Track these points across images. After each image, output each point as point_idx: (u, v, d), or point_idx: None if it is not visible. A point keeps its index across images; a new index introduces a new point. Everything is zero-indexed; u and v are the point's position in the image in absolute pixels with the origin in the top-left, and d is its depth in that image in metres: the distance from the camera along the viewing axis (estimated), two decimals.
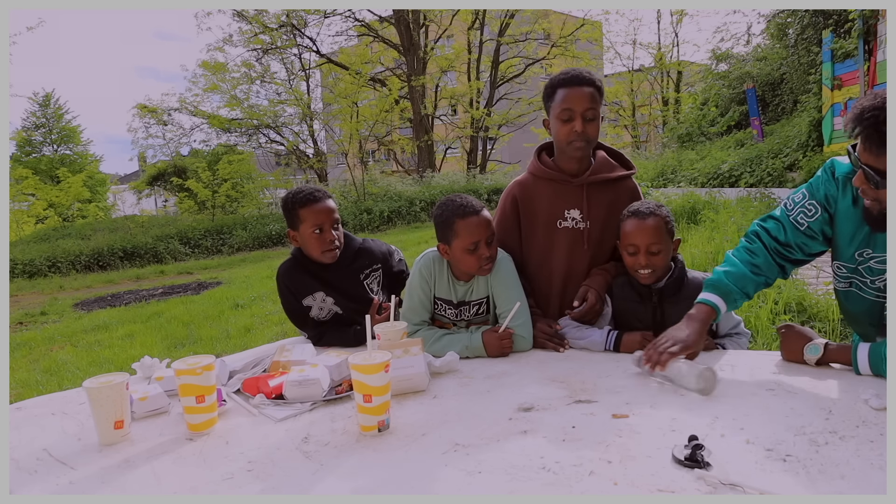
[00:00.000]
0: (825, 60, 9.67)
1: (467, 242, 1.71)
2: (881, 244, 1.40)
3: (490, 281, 1.82)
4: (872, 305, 1.47)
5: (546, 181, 1.87)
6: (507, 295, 1.79)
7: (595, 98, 1.75)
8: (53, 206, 17.22)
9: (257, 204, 18.21)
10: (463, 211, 1.72)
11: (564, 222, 1.86)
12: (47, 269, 11.55)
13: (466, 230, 1.70)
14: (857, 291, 1.50)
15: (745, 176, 10.85)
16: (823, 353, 1.43)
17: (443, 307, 1.86)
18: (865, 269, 1.45)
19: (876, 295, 1.45)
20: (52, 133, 27.94)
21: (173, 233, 13.83)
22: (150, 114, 20.06)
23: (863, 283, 1.47)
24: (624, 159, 1.94)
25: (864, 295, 1.48)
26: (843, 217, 1.45)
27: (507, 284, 1.81)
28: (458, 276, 1.84)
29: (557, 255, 1.88)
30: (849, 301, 1.53)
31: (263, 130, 21.17)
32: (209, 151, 21.02)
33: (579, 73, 1.78)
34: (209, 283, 9.26)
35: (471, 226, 1.71)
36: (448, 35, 22.40)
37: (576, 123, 1.74)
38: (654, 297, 1.77)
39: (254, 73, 20.73)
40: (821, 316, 3.62)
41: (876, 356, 1.34)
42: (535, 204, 1.89)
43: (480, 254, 1.72)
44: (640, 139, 24.59)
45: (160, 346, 5.37)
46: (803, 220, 1.50)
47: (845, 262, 1.49)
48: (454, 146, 24.23)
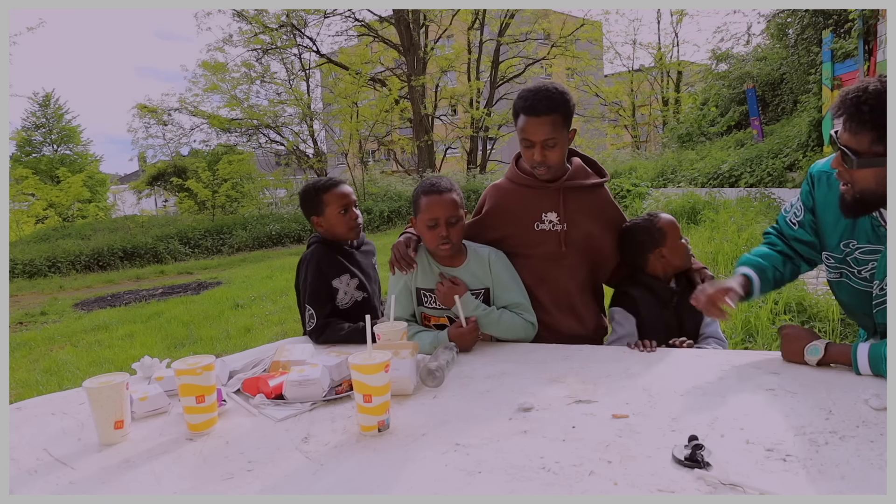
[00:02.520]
0: (825, 60, 9.66)
1: (427, 218, 1.78)
2: (863, 235, 1.43)
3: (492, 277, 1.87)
4: (862, 295, 1.49)
5: (523, 186, 1.91)
6: (506, 287, 1.87)
7: (557, 125, 1.75)
8: (53, 206, 17.22)
9: (257, 204, 18.22)
10: (430, 189, 1.82)
11: (542, 224, 1.89)
12: (47, 269, 11.55)
13: (428, 207, 1.79)
14: (847, 282, 1.53)
15: (745, 176, 10.84)
16: (824, 354, 1.43)
17: (430, 299, 1.89)
18: (852, 259, 1.48)
19: (864, 285, 1.48)
20: (52, 133, 27.94)
21: (173, 233, 13.84)
22: (150, 114, 20.05)
23: (851, 273, 1.50)
24: (598, 167, 1.99)
25: (854, 285, 1.51)
26: (823, 208, 1.51)
27: (504, 278, 1.88)
28: (437, 259, 1.89)
29: (535, 256, 1.91)
30: (841, 291, 1.57)
31: (263, 130, 21.16)
32: (209, 151, 21.01)
33: (541, 98, 1.74)
34: (209, 283, 9.26)
35: (432, 203, 1.79)
36: (448, 35, 22.40)
37: (535, 152, 1.79)
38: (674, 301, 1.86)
39: (254, 73, 20.72)
40: (821, 316, 3.63)
41: (876, 356, 1.34)
42: (513, 206, 1.92)
43: (439, 232, 1.78)
44: (640, 139, 24.58)
45: (160, 346, 5.37)
46: (794, 221, 1.62)
47: (832, 251, 1.53)
48: (454, 146, 24.22)
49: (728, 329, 3.66)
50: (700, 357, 1.62)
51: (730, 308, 1.50)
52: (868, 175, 1.29)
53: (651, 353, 1.64)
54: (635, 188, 10.82)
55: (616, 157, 18.69)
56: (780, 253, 1.66)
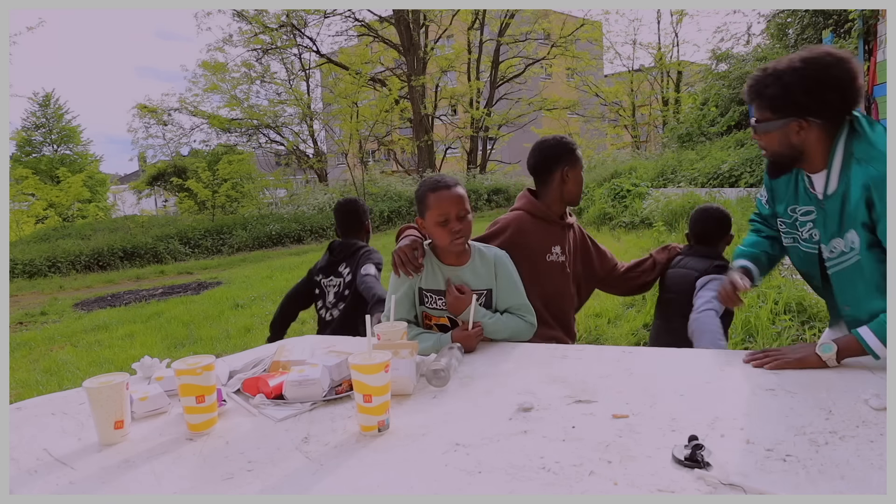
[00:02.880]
0: None
1: (437, 215, 1.79)
2: (802, 199, 1.60)
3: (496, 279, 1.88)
4: (810, 257, 1.62)
5: (538, 219, 2.15)
6: (509, 292, 1.89)
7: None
8: (53, 206, 17.22)
9: (257, 204, 18.21)
10: (436, 185, 1.83)
11: (551, 256, 2.15)
12: (47, 269, 11.56)
13: (437, 203, 1.79)
14: (796, 245, 1.66)
15: (745, 176, 10.83)
16: (837, 348, 1.43)
17: (432, 299, 1.87)
18: (798, 223, 1.63)
19: (809, 247, 1.62)
20: (52, 133, 27.95)
21: (173, 233, 13.84)
22: (150, 114, 20.08)
23: (798, 236, 1.64)
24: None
25: (802, 248, 1.64)
26: (775, 181, 1.69)
27: (508, 282, 1.89)
28: (441, 258, 1.88)
29: (546, 282, 2.13)
30: (793, 255, 1.71)
31: (263, 130, 21.19)
32: (209, 151, 21.02)
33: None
34: (209, 283, 9.26)
35: (442, 199, 1.79)
36: (448, 35, 22.40)
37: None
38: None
39: (254, 73, 20.76)
40: (821, 316, 3.62)
41: (880, 331, 1.38)
42: (530, 238, 2.14)
43: (451, 227, 1.79)
44: (640, 139, 24.55)
45: (160, 346, 5.37)
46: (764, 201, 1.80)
47: (783, 217, 1.69)
48: (454, 146, 24.23)
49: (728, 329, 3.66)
50: (700, 357, 1.63)
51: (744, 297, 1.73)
52: (773, 138, 1.52)
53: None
54: (635, 188, 10.82)
55: (616, 157, 18.67)
56: (766, 238, 1.83)
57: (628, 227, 9.76)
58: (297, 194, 19.46)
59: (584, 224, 10.61)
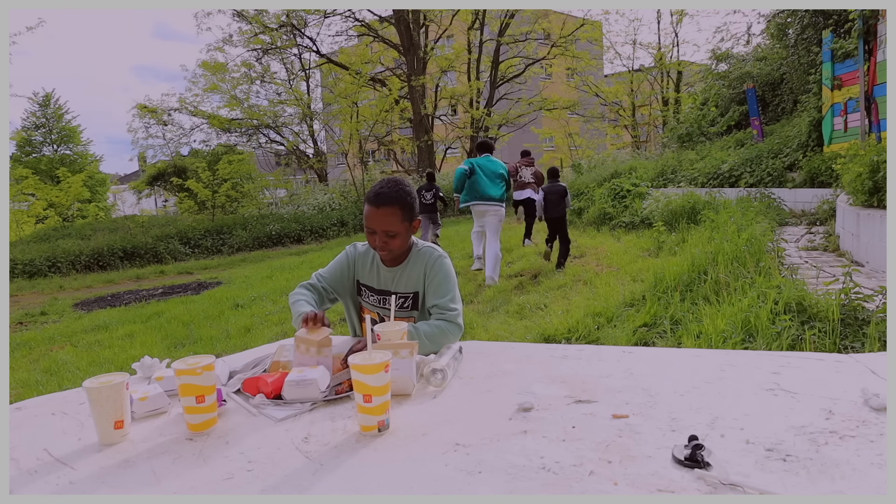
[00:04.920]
0: (825, 60, 9.66)
1: (366, 224, 1.83)
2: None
3: (426, 280, 1.88)
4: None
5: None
6: (432, 290, 1.87)
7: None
8: (53, 206, 17.23)
9: (257, 204, 18.23)
10: (370, 197, 1.82)
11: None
12: (47, 269, 11.56)
13: (367, 214, 1.82)
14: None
15: (745, 176, 10.84)
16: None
17: (366, 293, 1.95)
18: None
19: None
20: (52, 133, 27.96)
21: (173, 233, 13.85)
22: (150, 114, 20.09)
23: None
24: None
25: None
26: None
27: (434, 282, 1.87)
28: (383, 260, 1.92)
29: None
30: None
31: (263, 130, 21.19)
32: (209, 151, 21.03)
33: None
34: (209, 283, 9.26)
35: (370, 214, 1.81)
36: (448, 35, 22.40)
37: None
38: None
39: (254, 74, 20.77)
40: (821, 316, 3.62)
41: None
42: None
43: (373, 240, 1.83)
44: (640, 139, 24.55)
45: (160, 346, 5.37)
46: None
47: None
48: (454, 146, 24.23)
49: (728, 329, 3.66)
50: (700, 357, 1.63)
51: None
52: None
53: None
54: (635, 188, 10.82)
55: (616, 157, 18.68)
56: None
57: (628, 226, 9.76)
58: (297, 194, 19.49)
59: (584, 224, 10.62)
